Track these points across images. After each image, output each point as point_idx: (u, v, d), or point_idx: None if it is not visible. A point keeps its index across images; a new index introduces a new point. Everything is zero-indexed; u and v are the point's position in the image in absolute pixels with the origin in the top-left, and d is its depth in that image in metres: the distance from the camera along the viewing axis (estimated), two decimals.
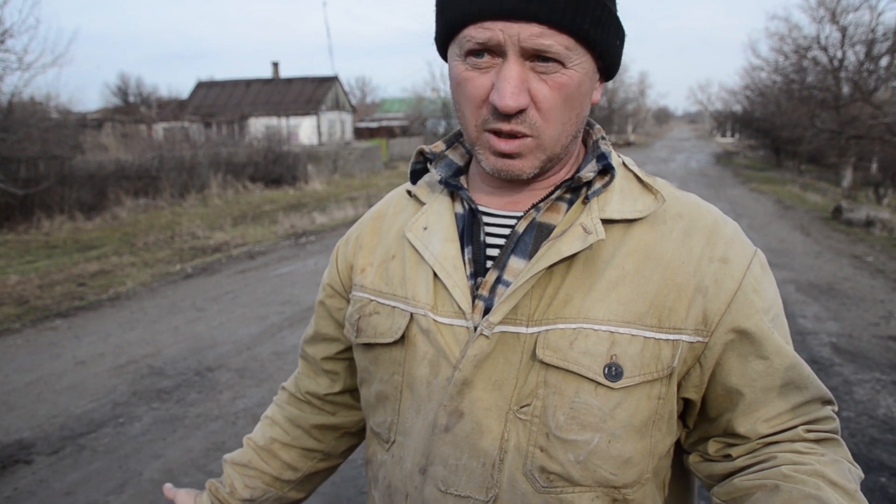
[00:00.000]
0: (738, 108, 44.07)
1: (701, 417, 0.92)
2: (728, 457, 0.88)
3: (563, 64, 0.80)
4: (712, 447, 0.90)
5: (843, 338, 5.47)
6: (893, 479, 3.34)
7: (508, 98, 0.78)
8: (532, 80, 0.80)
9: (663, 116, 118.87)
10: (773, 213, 13.15)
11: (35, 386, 4.75)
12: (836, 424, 0.88)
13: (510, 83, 0.79)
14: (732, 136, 60.14)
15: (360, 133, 39.94)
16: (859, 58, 19.51)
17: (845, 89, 19.82)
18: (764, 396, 0.86)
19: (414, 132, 36.56)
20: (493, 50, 0.80)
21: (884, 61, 19.31)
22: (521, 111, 0.81)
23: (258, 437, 1.19)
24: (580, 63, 0.82)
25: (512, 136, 0.83)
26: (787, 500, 0.76)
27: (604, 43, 0.83)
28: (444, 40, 0.87)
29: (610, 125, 47.73)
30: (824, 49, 20.26)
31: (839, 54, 19.72)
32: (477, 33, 0.80)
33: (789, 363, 0.86)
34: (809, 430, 0.86)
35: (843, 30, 19.36)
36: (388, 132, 38.73)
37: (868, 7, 19.34)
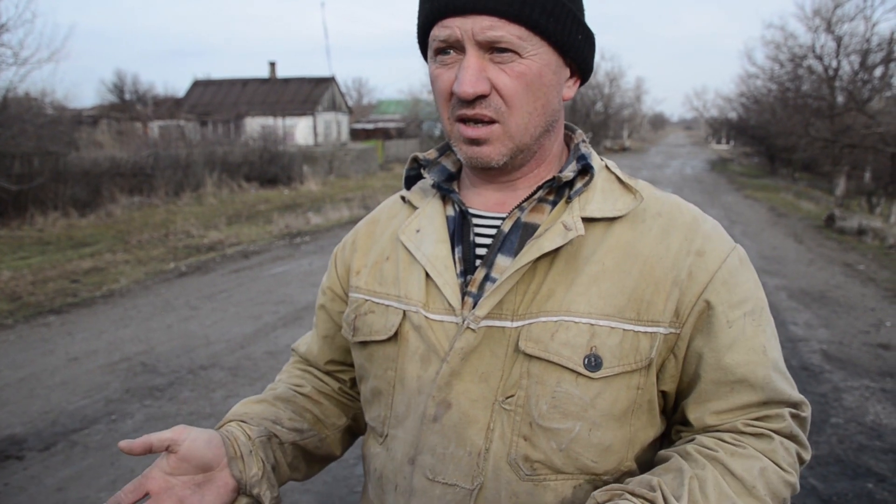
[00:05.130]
0: (733, 115, 44.29)
1: (673, 407, 0.96)
2: (681, 439, 0.93)
3: (519, 54, 0.86)
4: (674, 434, 0.95)
5: (834, 345, 5.51)
6: (880, 485, 3.37)
7: (466, 84, 0.85)
8: (491, 69, 0.87)
9: (659, 122, 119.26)
10: (767, 221, 13.21)
11: (27, 382, 4.74)
12: (784, 424, 0.89)
13: (467, 71, 0.85)
14: (727, 142, 60.36)
15: (356, 134, 39.92)
16: (854, 67, 19.68)
17: (839, 98, 19.97)
18: (715, 389, 0.89)
19: (410, 134, 36.56)
20: (456, 46, 0.87)
21: (878, 71, 19.47)
22: (482, 97, 0.87)
23: (294, 382, 1.16)
24: (537, 54, 0.87)
25: (478, 121, 0.88)
26: (665, 468, 0.85)
27: (559, 34, 0.88)
28: (422, 47, 0.95)
29: (606, 130, 47.81)
30: (819, 58, 20.42)
31: (834, 63, 19.90)
32: (439, 32, 0.87)
33: (745, 360, 0.89)
34: (748, 424, 0.88)
35: (839, 39, 19.51)
36: (385, 134, 38.71)
37: (863, 17, 19.53)
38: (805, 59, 21.46)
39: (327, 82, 36.72)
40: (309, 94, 36.02)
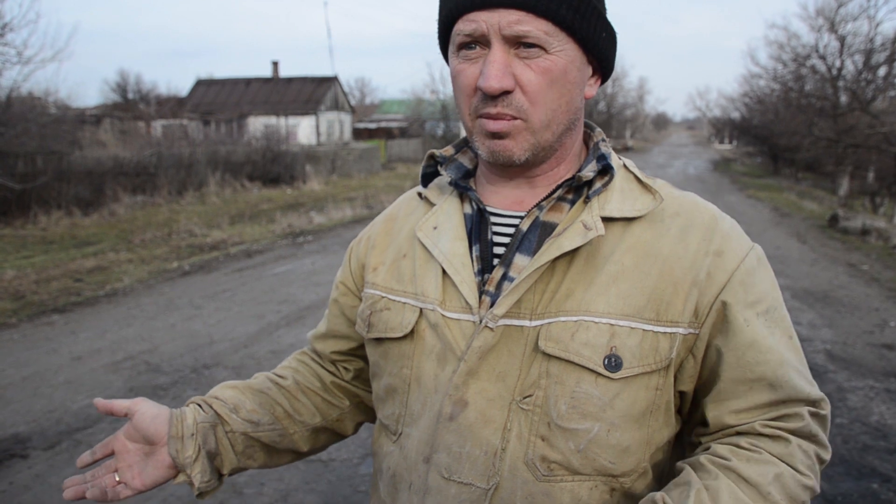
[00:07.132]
0: (736, 115, 44.22)
1: (692, 406, 0.96)
2: (700, 444, 0.93)
3: (545, 49, 0.85)
4: (694, 436, 0.95)
5: (838, 345, 5.50)
6: (885, 486, 3.36)
7: (492, 80, 0.84)
8: (517, 65, 0.86)
9: (662, 122, 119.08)
10: (770, 221, 13.19)
11: (31, 381, 4.75)
12: (803, 424, 0.88)
13: (493, 67, 0.84)
14: (730, 142, 60.28)
15: (358, 134, 39.92)
16: (857, 67, 19.60)
17: (843, 98, 19.90)
18: (733, 387, 0.89)
19: (413, 134, 36.54)
20: (480, 41, 0.86)
21: (882, 71, 19.40)
22: (506, 93, 0.86)
23: (279, 373, 1.18)
24: (563, 50, 0.86)
25: (500, 118, 0.87)
26: (675, 483, 0.85)
27: (584, 31, 0.87)
28: (443, 42, 0.94)
29: (608, 130, 47.80)
30: (823, 58, 20.35)
31: (837, 63, 19.80)
32: (464, 26, 0.87)
33: (764, 359, 0.88)
34: (765, 426, 0.88)
35: (842, 39, 19.44)
36: (387, 133, 38.71)
37: (867, 17, 19.42)
38: (808, 59, 21.40)
39: (330, 82, 36.73)
40: (312, 93, 36.03)
